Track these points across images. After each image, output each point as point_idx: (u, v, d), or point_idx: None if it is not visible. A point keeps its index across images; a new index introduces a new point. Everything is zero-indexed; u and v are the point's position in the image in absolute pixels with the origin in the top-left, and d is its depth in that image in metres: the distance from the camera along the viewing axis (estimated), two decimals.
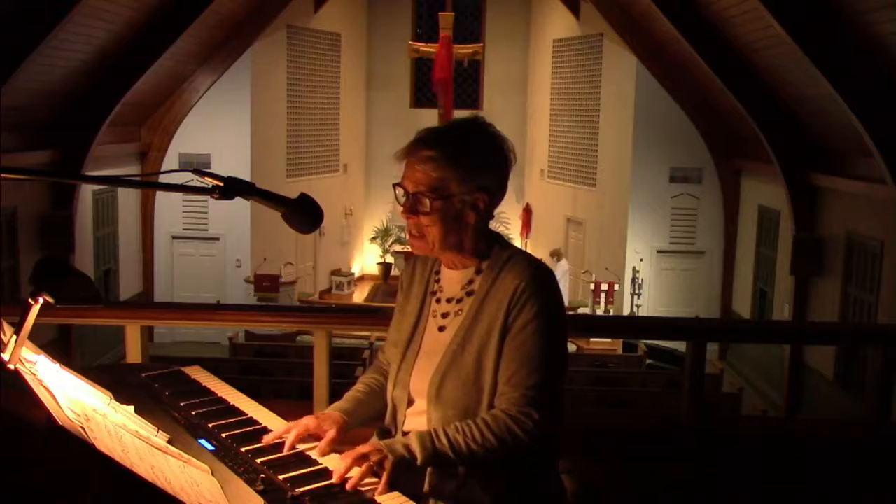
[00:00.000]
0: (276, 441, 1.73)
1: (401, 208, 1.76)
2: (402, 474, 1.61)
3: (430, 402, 1.76)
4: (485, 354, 1.72)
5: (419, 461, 1.63)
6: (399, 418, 1.84)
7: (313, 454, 1.70)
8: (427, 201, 1.71)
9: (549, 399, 1.69)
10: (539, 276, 1.73)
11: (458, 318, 1.79)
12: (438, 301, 1.85)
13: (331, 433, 1.76)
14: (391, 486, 1.56)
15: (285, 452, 1.68)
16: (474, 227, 1.77)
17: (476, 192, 1.73)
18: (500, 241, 1.84)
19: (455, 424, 1.68)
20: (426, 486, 1.72)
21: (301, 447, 1.72)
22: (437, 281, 1.88)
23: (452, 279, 1.84)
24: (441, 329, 1.81)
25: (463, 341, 1.75)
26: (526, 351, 1.69)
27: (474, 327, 1.75)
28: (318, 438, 1.75)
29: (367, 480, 1.56)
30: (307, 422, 1.77)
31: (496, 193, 1.78)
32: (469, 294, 1.79)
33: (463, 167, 1.71)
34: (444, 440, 1.65)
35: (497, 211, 1.86)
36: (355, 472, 1.56)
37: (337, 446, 1.74)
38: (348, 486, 1.54)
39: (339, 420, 1.81)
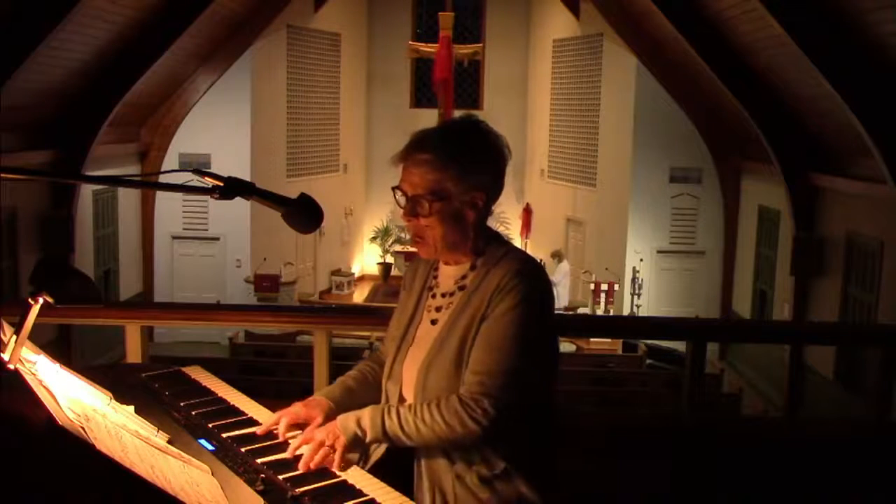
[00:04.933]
0: (269, 430, 1.78)
1: (402, 210, 1.78)
2: (357, 448, 1.71)
3: (416, 391, 1.78)
4: (466, 344, 1.74)
5: (368, 437, 1.70)
6: None
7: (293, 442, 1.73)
8: (426, 204, 1.73)
9: (511, 390, 1.68)
10: (525, 270, 1.74)
11: (448, 311, 1.82)
12: (434, 296, 1.88)
13: (317, 420, 1.81)
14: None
15: (280, 440, 1.74)
16: (474, 226, 1.79)
17: (474, 190, 1.75)
18: (498, 239, 1.86)
19: (410, 404, 1.74)
20: (422, 481, 1.74)
21: (290, 436, 1.77)
22: (435, 277, 1.91)
23: (448, 274, 1.87)
24: (433, 322, 1.84)
25: (448, 333, 1.78)
26: (494, 339, 1.70)
27: (460, 319, 1.77)
28: (307, 424, 1.80)
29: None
30: (296, 409, 1.82)
31: (493, 191, 1.80)
32: (461, 289, 1.82)
33: (459, 167, 1.72)
34: (394, 418, 1.70)
35: (497, 211, 1.88)
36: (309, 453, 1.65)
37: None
38: (301, 467, 1.61)
39: (325, 407, 1.86)
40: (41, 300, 1.55)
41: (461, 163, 1.73)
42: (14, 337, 1.49)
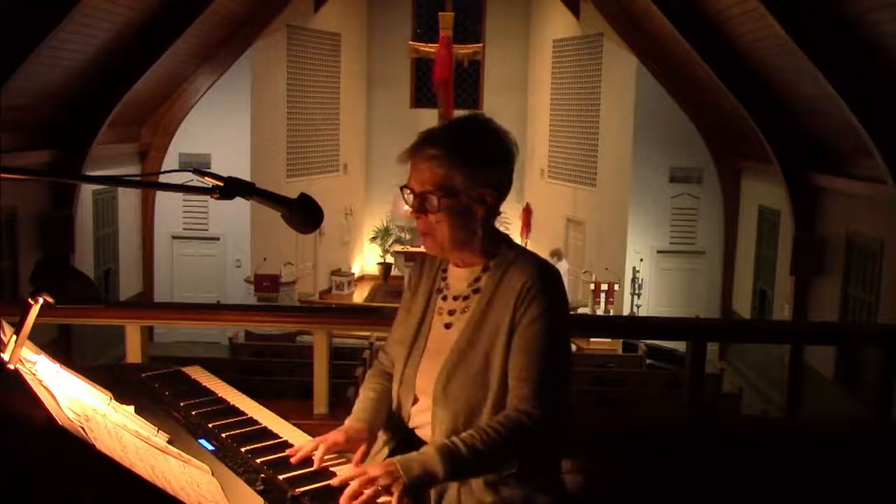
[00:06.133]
0: (305, 456, 1.69)
1: (405, 209, 1.78)
2: (421, 492, 1.59)
3: (436, 399, 1.75)
4: (492, 353, 1.73)
5: (442, 476, 1.58)
6: (404, 415, 1.84)
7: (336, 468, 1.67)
8: (434, 199, 1.72)
9: (558, 394, 1.71)
10: (546, 274, 1.75)
11: (464, 315, 1.80)
12: (445, 299, 1.85)
13: (362, 448, 1.75)
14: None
15: (315, 468, 1.65)
16: (482, 224, 1.77)
17: (482, 187, 1.74)
18: (508, 241, 1.85)
19: (470, 432, 1.65)
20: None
21: (327, 461, 1.69)
22: (444, 279, 1.88)
23: (459, 277, 1.84)
24: (447, 326, 1.82)
25: (470, 339, 1.75)
26: (535, 347, 1.70)
27: (482, 325, 1.75)
28: (347, 452, 1.74)
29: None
30: (335, 437, 1.74)
31: (502, 188, 1.78)
32: (476, 292, 1.80)
33: (467, 163, 1.71)
34: (463, 450, 1.60)
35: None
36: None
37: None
38: (344, 501, 1.50)
39: (365, 435, 1.79)
40: (41, 300, 1.55)
41: (470, 158, 1.72)
42: (14, 337, 1.49)
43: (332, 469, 1.65)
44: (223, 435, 1.75)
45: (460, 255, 1.82)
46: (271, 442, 1.75)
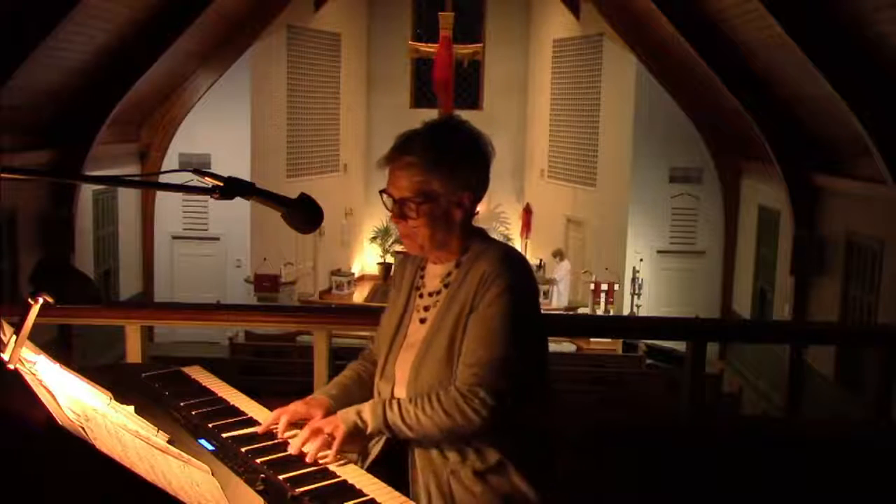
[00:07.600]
0: (269, 428, 1.78)
1: (391, 213, 1.81)
2: (356, 441, 1.73)
3: (408, 390, 1.80)
4: (455, 337, 1.77)
5: (369, 429, 1.72)
6: None
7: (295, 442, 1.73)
8: (413, 206, 1.76)
9: (506, 379, 1.70)
10: (507, 260, 1.77)
11: (435, 309, 1.84)
12: (421, 296, 1.90)
13: (317, 417, 1.80)
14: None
15: (280, 439, 1.74)
16: (461, 225, 1.82)
17: (460, 190, 1.78)
18: (482, 235, 1.89)
19: (411, 396, 1.75)
20: (417, 478, 1.75)
21: (289, 435, 1.76)
22: (422, 277, 1.93)
23: (434, 274, 1.89)
24: (422, 321, 1.86)
25: (437, 328, 1.80)
26: (482, 330, 1.73)
27: (447, 314, 1.79)
28: (306, 422, 1.80)
29: (323, 453, 1.67)
30: (295, 407, 1.82)
31: (480, 189, 1.83)
32: (447, 286, 1.84)
33: (444, 168, 1.75)
34: (395, 409, 1.72)
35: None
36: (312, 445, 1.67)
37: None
38: (307, 459, 1.64)
39: (325, 404, 1.86)
40: (41, 300, 1.55)
41: (447, 164, 1.75)
42: (14, 337, 1.49)
43: (332, 470, 1.66)
44: (223, 435, 1.75)
45: (439, 254, 1.87)
46: (271, 442, 1.75)
